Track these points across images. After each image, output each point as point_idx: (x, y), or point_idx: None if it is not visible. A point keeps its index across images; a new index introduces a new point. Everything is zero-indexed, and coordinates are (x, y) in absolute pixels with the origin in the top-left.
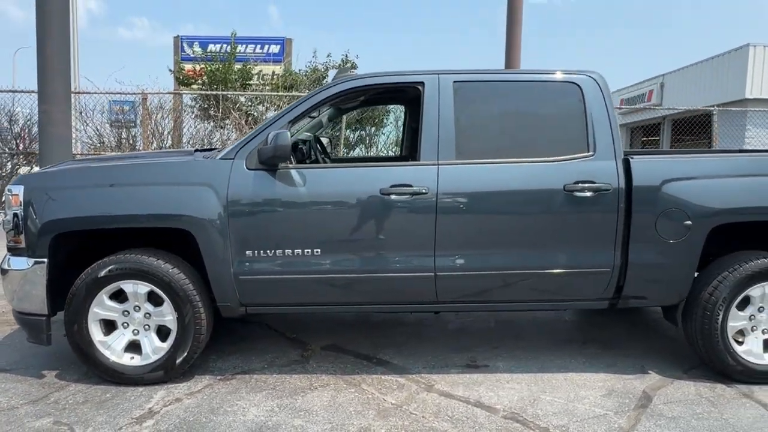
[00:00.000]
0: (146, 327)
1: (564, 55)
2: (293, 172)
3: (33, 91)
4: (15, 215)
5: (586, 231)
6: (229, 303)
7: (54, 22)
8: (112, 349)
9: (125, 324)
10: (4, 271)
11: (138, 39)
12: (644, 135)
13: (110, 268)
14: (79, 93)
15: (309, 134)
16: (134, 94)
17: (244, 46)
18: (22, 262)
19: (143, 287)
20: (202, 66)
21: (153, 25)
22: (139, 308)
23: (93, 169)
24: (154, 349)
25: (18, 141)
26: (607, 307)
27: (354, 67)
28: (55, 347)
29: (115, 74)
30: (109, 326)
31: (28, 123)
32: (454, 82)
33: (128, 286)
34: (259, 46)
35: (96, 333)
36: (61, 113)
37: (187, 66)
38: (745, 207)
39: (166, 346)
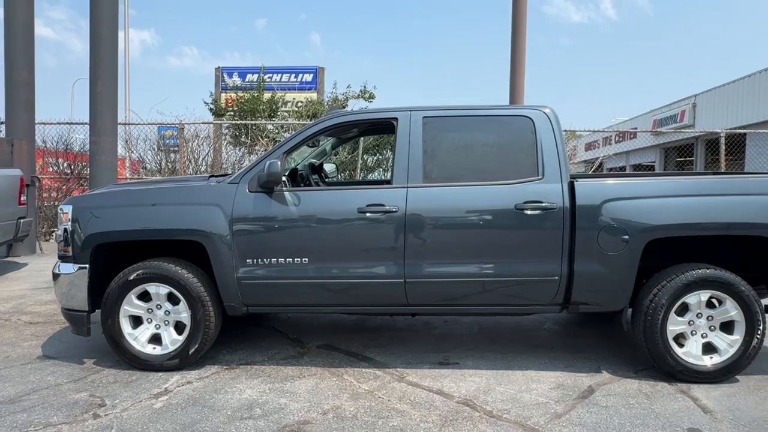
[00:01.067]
0: (166, 322)
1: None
2: (286, 194)
3: (86, 123)
4: (65, 230)
5: (536, 244)
6: (233, 303)
7: (104, 66)
8: (138, 340)
9: (149, 319)
10: (56, 275)
11: (187, 66)
12: (678, 155)
13: (138, 272)
14: (126, 124)
15: (315, 160)
16: (173, 124)
17: (279, 75)
18: (69, 268)
19: (164, 289)
20: (238, 96)
21: (201, 54)
22: (161, 306)
23: (125, 192)
24: (171, 341)
25: (72, 167)
26: (560, 312)
27: (372, 96)
28: (93, 342)
29: (158, 106)
30: (136, 321)
31: (81, 150)
32: (424, 117)
33: (152, 287)
34: (293, 75)
35: (125, 326)
36: (109, 144)
37: (227, 95)
38: (675, 223)
39: (181, 338)
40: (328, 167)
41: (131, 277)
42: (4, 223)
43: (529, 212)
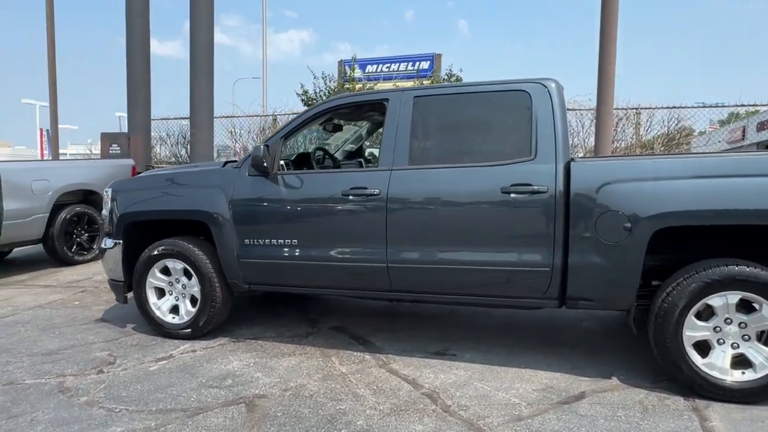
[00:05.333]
0: (183, 295)
1: None
2: (279, 177)
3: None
4: (108, 210)
5: (525, 232)
6: (236, 281)
7: (201, 67)
8: (161, 310)
9: (170, 291)
10: (102, 250)
11: (337, 62)
12: None
13: (159, 248)
14: (226, 117)
15: (353, 145)
16: (266, 116)
17: (397, 64)
18: (110, 243)
19: (179, 264)
20: (354, 86)
21: (353, 49)
22: (179, 281)
23: (152, 176)
24: (186, 312)
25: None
26: (558, 307)
27: (458, 80)
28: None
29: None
30: (161, 293)
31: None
32: (415, 96)
33: (170, 263)
34: (410, 63)
35: (151, 297)
36: (205, 135)
37: (350, 87)
38: (692, 210)
39: (194, 310)
40: (370, 152)
41: (154, 253)
42: None
43: (516, 196)
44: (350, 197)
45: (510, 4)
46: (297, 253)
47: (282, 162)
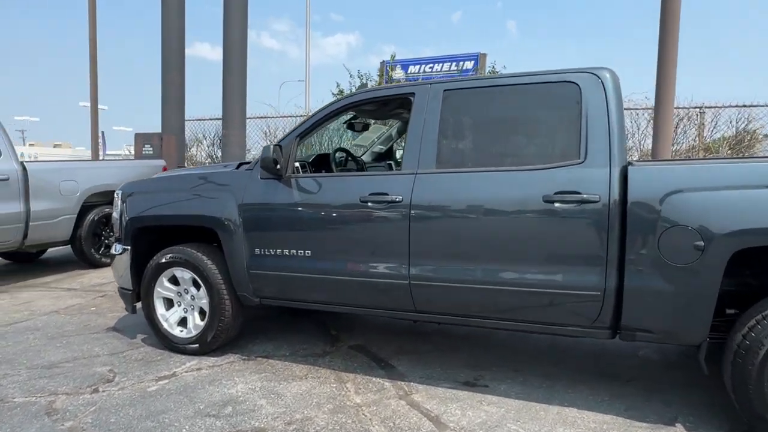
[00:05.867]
0: (192, 307)
1: None
2: (293, 180)
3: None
4: (118, 213)
5: (572, 248)
6: (246, 293)
7: (234, 69)
8: (169, 322)
9: (179, 303)
10: (112, 255)
11: None
12: None
13: (167, 256)
14: (258, 117)
15: (381, 147)
16: (301, 116)
17: (440, 65)
18: (119, 249)
19: (188, 274)
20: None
21: (400, 52)
22: (188, 291)
23: (161, 178)
24: (194, 325)
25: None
26: (610, 338)
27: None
28: None
29: (295, 99)
30: (169, 303)
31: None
32: (445, 90)
33: (179, 272)
34: (454, 63)
35: (159, 307)
36: (237, 136)
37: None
38: None
39: (202, 324)
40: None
41: (162, 261)
42: None
43: (561, 205)
44: (369, 204)
45: (561, 2)
46: (310, 266)
47: (297, 164)
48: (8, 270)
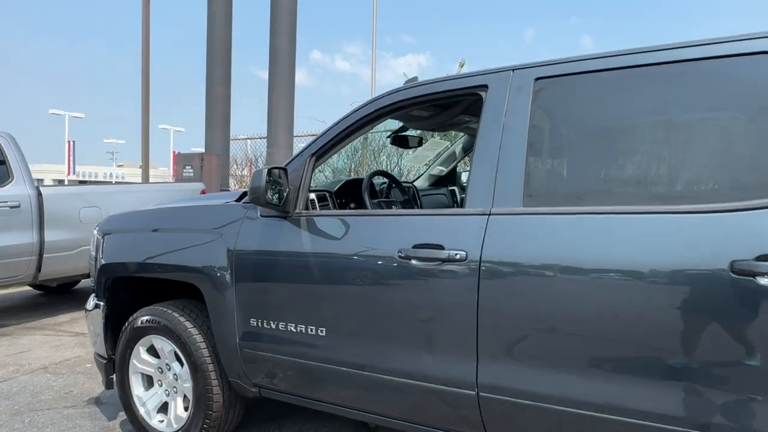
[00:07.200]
0: (174, 389)
1: None
2: (303, 219)
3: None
4: (92, 257)
5: None
6: (239, 380)
7: (280, 87)
8: (146, 407)
9: (159, 382)
10: (87, 311)
11: None
12: None
13: (143, 319)
14: (307, 135)
15: (442, 168)
16: None
17: None
18: (90, 304)
19: (168, 345)
20: None
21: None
22: (169, 367)
23: (143, 212)
24: (175, 417)
25: None
26: None
27: None
28: None
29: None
30: (149, 381)
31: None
32: (537, 79)
33: (157, 341)
34: None
35: (135, 386)
36: (282, 156)
37: None
38: None
39: (185, 417)
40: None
41: (137, 324)
42: None
43: (763, 280)
44: (413, 262)
45: (639, 14)
46: (323, 351)
47: (313, 195)
48: (33, 303)
